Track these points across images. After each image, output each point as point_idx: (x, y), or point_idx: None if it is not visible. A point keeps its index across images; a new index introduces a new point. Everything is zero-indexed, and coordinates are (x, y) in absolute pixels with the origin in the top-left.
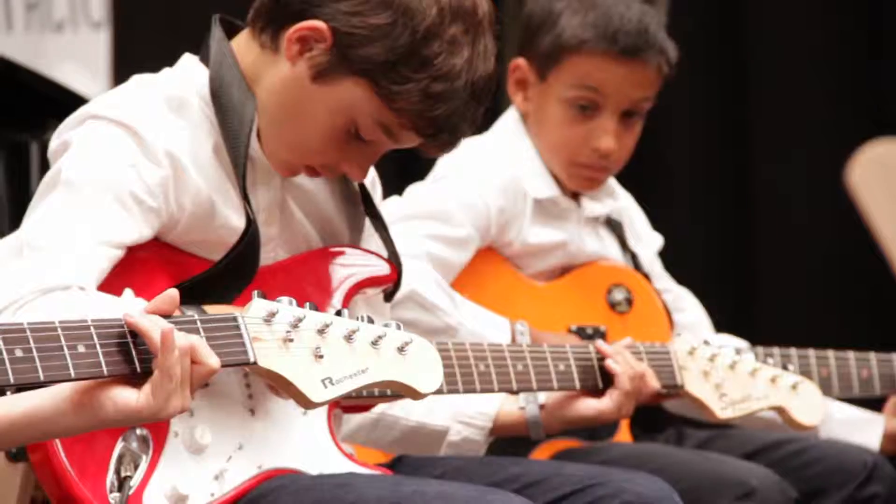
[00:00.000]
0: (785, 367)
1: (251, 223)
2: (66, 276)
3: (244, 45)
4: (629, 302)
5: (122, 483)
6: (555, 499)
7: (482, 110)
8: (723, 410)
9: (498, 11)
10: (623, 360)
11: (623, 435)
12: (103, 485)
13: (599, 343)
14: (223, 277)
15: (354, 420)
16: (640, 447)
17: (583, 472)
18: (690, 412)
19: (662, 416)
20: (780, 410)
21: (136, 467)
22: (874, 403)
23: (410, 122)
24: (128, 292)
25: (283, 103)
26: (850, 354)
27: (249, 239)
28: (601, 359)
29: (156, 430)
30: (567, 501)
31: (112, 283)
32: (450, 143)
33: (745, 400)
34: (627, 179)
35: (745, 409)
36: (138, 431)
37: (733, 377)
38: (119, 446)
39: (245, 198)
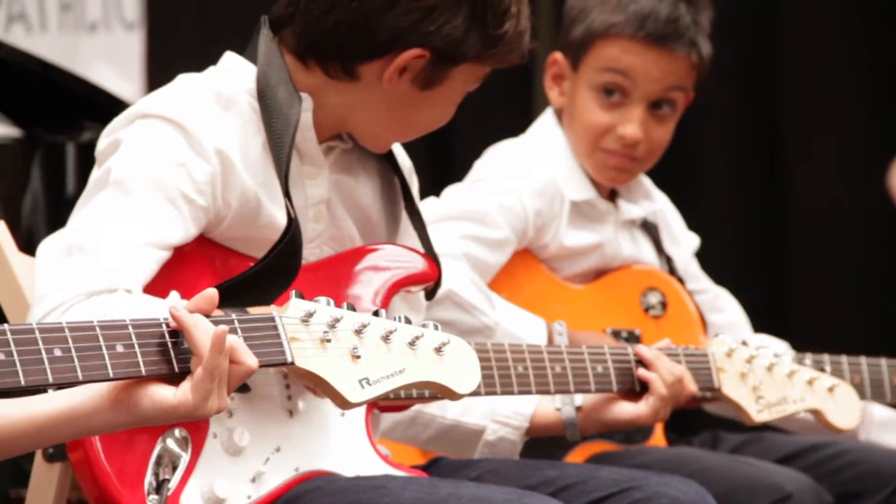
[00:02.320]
0: (822, 370)
1: (292, 222)
2: (114, 280)
3: (289, 64)
4: (663, 306)
5: (160, 485)
6: (590, 502)
7: None
8: (759, 413)
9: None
10: (660, 365)
11: (658, 439)
12: (141, 486)
13: (639, 348)
14: (265, 278)
15: (390, 417)
16: (675, 451)
17: (618, 476)
18: (728, 413)
19: (697, 419)
20: (816, 413)
21: (174, 469)
22: None
23: (506, 59)
24: (174, 294)
25: (391, 116)
26: (883, 361)
27: (291, 238)
28: (640, 361)
29: (195, 431)
30: None
31: (156, 281)
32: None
33: (781, 402)
34: (659, 180)
35: (781, 411)
36: (177, 433)
37: (770, 379)
38: (158, 447)
39: (287, 196)
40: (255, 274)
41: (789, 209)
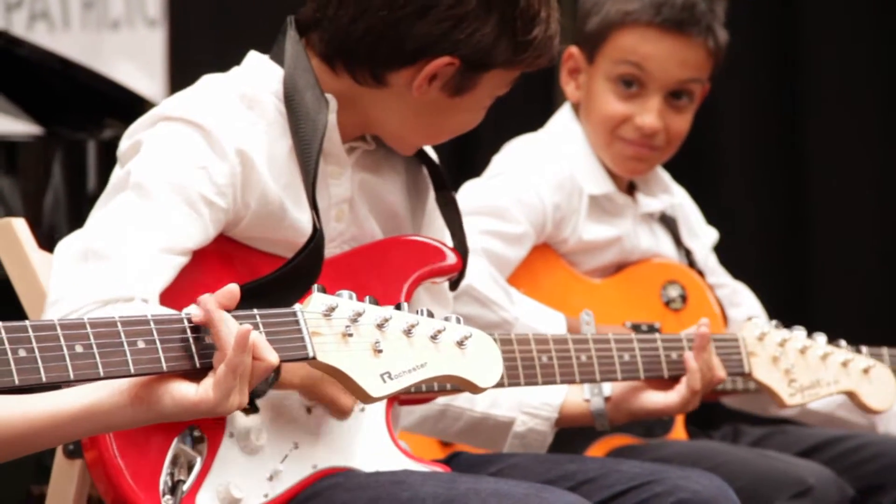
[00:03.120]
0: (858, 350)
1: (317, 232)
2: (131, 289)
3: (316, 67)
4: (683, 299)
5: (175, 486)
6: (610, 496)
7: None
8: (791, 397)
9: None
10: (704, 358)
11: (678, 432)
12: (156, 487)
13: (691, 332)
14: (284, 283)
15: (419, 411)
16: (695, 444)
17: (638, 470)
18: (747, 406)
19: (718, 413)
20: (850, 395)
21: (189, 469)
22: None
23: (535, 63)
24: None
25: (419, 122)
26: None
27: (314, 247)
28: (667, 348)
29: (210, 430)
30: (622, 499)
31: (175, 280)
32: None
33: (814, 385)
34: (681, 173)
35: (814, 394)
36: (194, 432)
37: (804, 362)
38: (173, 447)
39: (314, 207)
40: (274, 279)
41: (809, 203)
